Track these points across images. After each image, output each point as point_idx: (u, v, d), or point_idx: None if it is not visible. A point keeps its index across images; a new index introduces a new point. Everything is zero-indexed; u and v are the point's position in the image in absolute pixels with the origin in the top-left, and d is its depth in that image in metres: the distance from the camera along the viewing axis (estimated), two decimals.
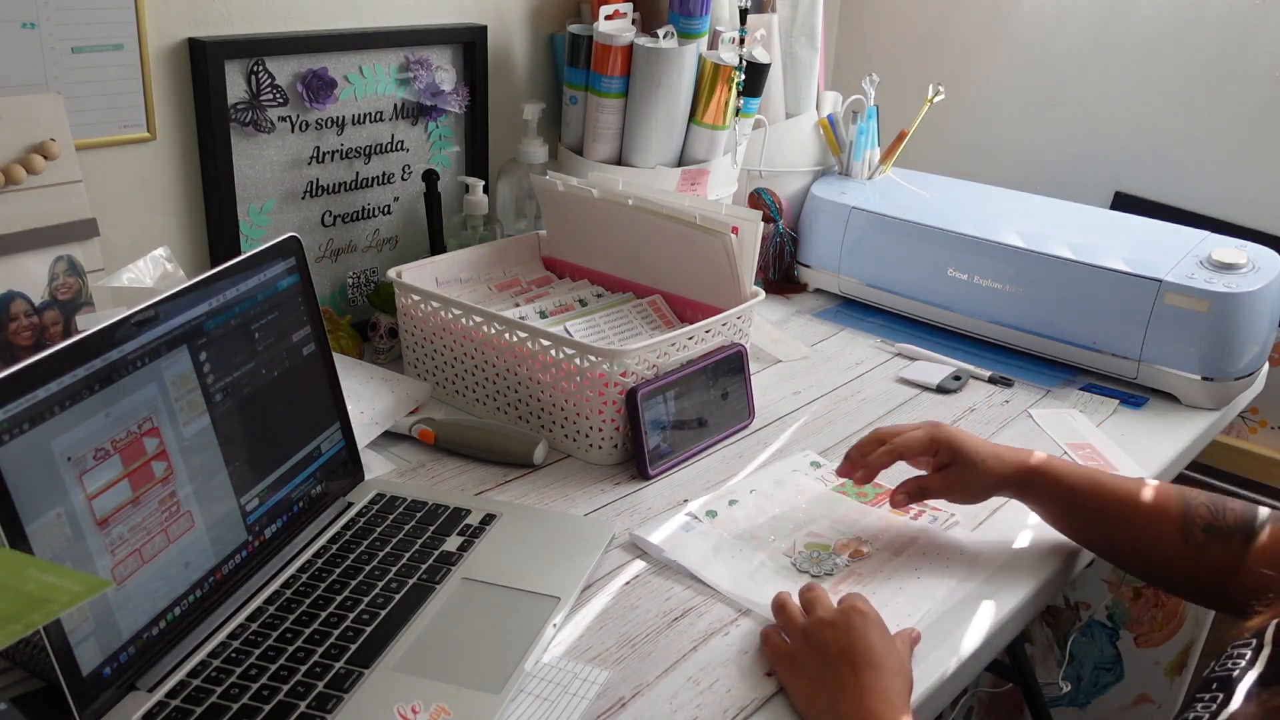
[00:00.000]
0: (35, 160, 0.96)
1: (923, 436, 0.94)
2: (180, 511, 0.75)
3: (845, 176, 1.53)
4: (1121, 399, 1.25)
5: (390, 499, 0.94)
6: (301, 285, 0.89)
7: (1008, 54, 1.68)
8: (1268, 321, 1.22)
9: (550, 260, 1.33)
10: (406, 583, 0.84)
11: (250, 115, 1.15)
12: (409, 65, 1.27)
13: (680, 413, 1.07)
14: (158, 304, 0.74)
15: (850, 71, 1.79)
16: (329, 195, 1.25)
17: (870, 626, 0.76)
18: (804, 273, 1.53)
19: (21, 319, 0.97)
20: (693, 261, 1.17)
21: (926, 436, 0.94)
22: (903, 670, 0.74)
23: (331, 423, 0.93)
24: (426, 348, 1.17)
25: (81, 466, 0.68)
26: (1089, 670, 1.65)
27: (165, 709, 0.70)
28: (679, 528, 0.95)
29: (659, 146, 1.32)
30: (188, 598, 0.76)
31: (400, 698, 0.72)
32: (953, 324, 1.39)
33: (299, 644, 0.76)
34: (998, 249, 1.32)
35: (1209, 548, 0.84)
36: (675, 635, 0.82)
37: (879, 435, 0.96)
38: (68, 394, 0.67)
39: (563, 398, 1.06)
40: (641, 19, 1.33)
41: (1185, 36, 1.51)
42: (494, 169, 1.40)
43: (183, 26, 1.10)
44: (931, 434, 0.94)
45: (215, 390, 0.79)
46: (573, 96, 1.34)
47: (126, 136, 1.08)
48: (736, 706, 0.75)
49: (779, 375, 1.28)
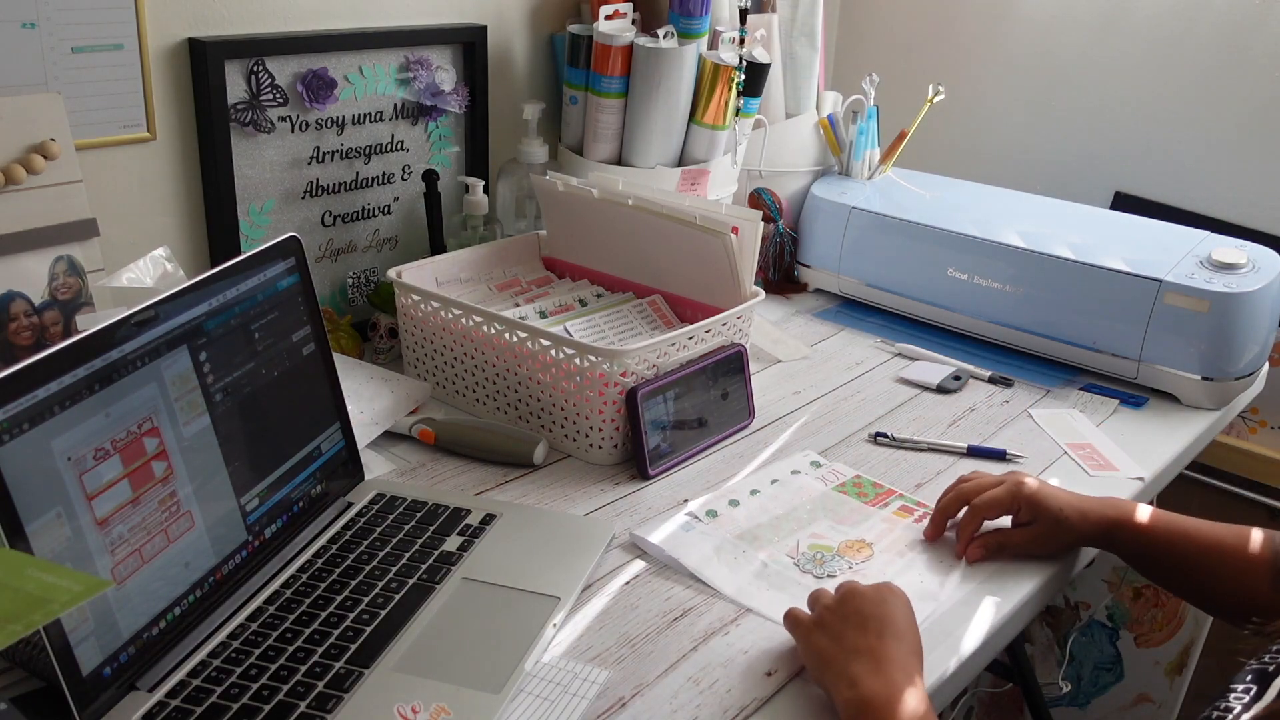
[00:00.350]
0: (35, 160, 0.96)
1: (1004, 496, 0.92)
2: (180, 511, 0.75)
3: (845, 176, 1.53)
4: (1121, 399, 1.25)
5: (390, 499, 0.94)
6: (301, 285, 0.89)
7: (1008, 54, 1.68)
8: (1268, 321, 1.22)
9: (550, 260, 1.33)
10: (406, 583, 0.84)
11: (250, 115, 1.15)
12: (409, 65, 1.27)
13: (680, 413, 1.07)
14: (158, 304, 0.74)
15: (850, 71, 1.79)
16: (329, 195, 1.25)
17: (901, 603, 0.77)
18: (804, 273, 1.53)
19: (21, 319, 0.97)
20: (693, 261, 1.17)
21: (1008, 495, 0.92)
22: (921, 651, 0.75)
23: (331, 423, 0.93)
24: (426, 348, 1.17)
25: (81, 466, 0.68)
26: (1089, 670, 1.65)
27: (165, 709, 0.70)
28: (679, 528, 0.95)
29: (659, 146, 1.32)
30: (188, 598, 0.76)
31: (400, 698, 0.72)
32: (953, 324, 1.39)
33: (299, 644, 0.76)
34: (998, 249, 1.32)
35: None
36: (675, 635, 0.82)
37: (961, 494, 0.94)
38: (68, 394, 0.67)
39: (563, 398, 1.06)
40: (641, 19, 1.33)
41: (1186, 37, 1.51)
42: (494, 169, 1.40)
43: (183, 26, 1.10)
44: (1013, 492, 0.92)
45: (215, 390, 0.79)
46: (573, 96, 1.34)
47: (126, 136, 1.08)
48: (736, 706, 0.75)
49: (779, 375, 1.28)
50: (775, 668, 0.79)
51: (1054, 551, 0.93)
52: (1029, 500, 0.91)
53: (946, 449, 1.11)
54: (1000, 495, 0.92)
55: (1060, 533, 0.91)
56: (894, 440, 1.12)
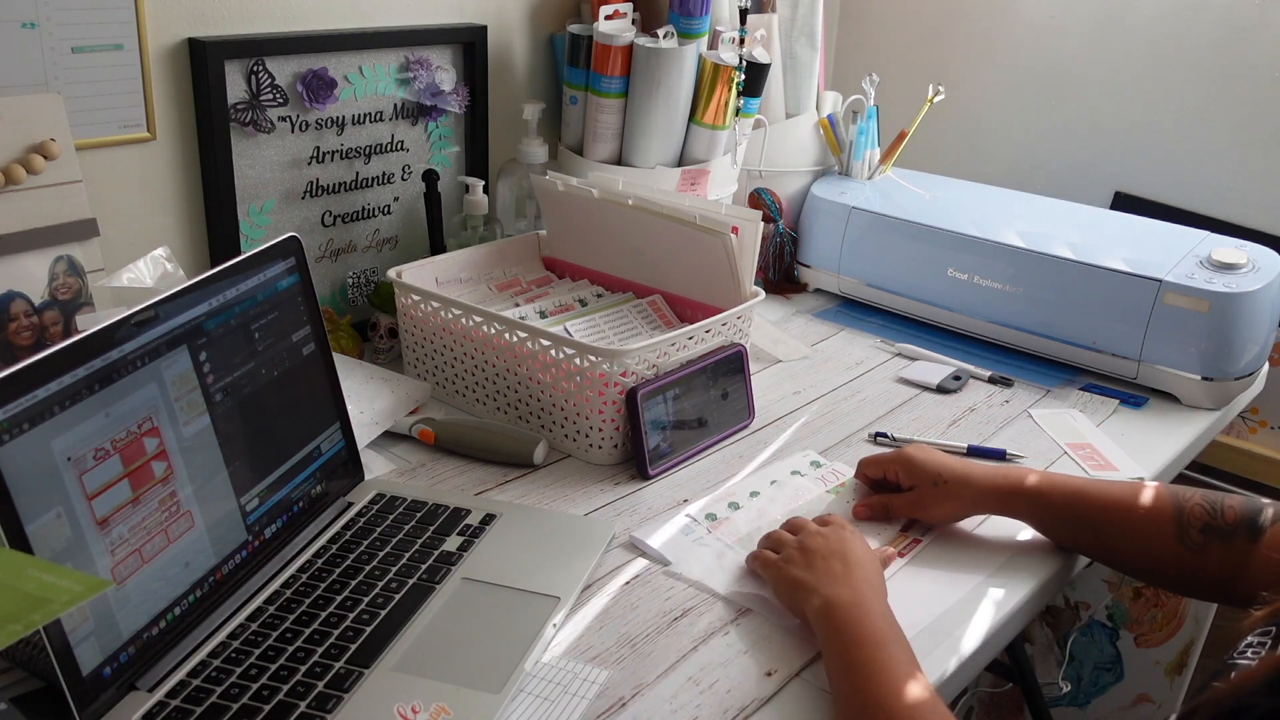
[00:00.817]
0: (35, 160, 0.96)
1: (884, 457, 0.99)
2: (180, 511, 0.75)
3: (845, 176, 1.53)
4: (1121, 399, 1.25)
5: (390, 499, 0.94)
6: (301, 285, 0.89)
7: (1008, 54, 1.68)
8: (1268, 321, 1.22)
9: (550, 260, 1.33)
10: (406, 583, 0.84)
11: (250, 115, 1.15)
12: (409, 65, 1.27)
13: (680, 413, 1.07)
14: (158, 304, 0.74)
15: (850, 71, 1.79)
16: (329, 195, 1.25)
17: (856, 538, 0.85)
18: (804, 273, 1.53)
19: (21, 319, 0.97)
20: (693, 261, 1.17)
21: (888, 458, 0.99)
22: (881, 578, 0.83)
23: (331, 423, 0.93)
24: (426, 348, 1.17)
25: (81, 466, 0.68)
26: (1089, 670, 1.65)
27: (165, 709, 0.70)
28: (679, 530, 0.94)
29: (659, 146, 1.32)
30: (188, 598, 0.76)
31: (400, 698, 0.72)
32: (953, 324, 1.39)
33: (299, 644, 0.76)
34: (998, 249, 1.32)
35: (1209, 549, 0.83)
36: (675, 635, 0.82)
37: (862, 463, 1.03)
38: (68, 394, 0.67)
39: (563, 398, 1.06)
40: (641, 19, 1.33)
41: (1185, 37, 1.51)
42: (494, 169, 1.40)
43: (183, 26, 1.10)
44: (894, 456, 0.98)
45: (215, 390, 0.79)
46: (573, 96, 1.34)
47: (126, 136, 1.08)
48: (736, 706, 0.75)
49: (779, 375, 1.28)
50: (775, 668, 0.79)
51: (943, 517, 0.96)
52: (905, 463, 0.97)
53: (947, 449, 1.11)
54: (881, 456, 1.00)
55: (941, 497, 0.94)
56: (894, 440, 1.12)
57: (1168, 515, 0.86)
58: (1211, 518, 0.84)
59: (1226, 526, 0.83)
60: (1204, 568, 0.84)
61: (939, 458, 0.96)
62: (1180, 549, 0.84)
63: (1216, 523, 0.84)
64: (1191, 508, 0.85)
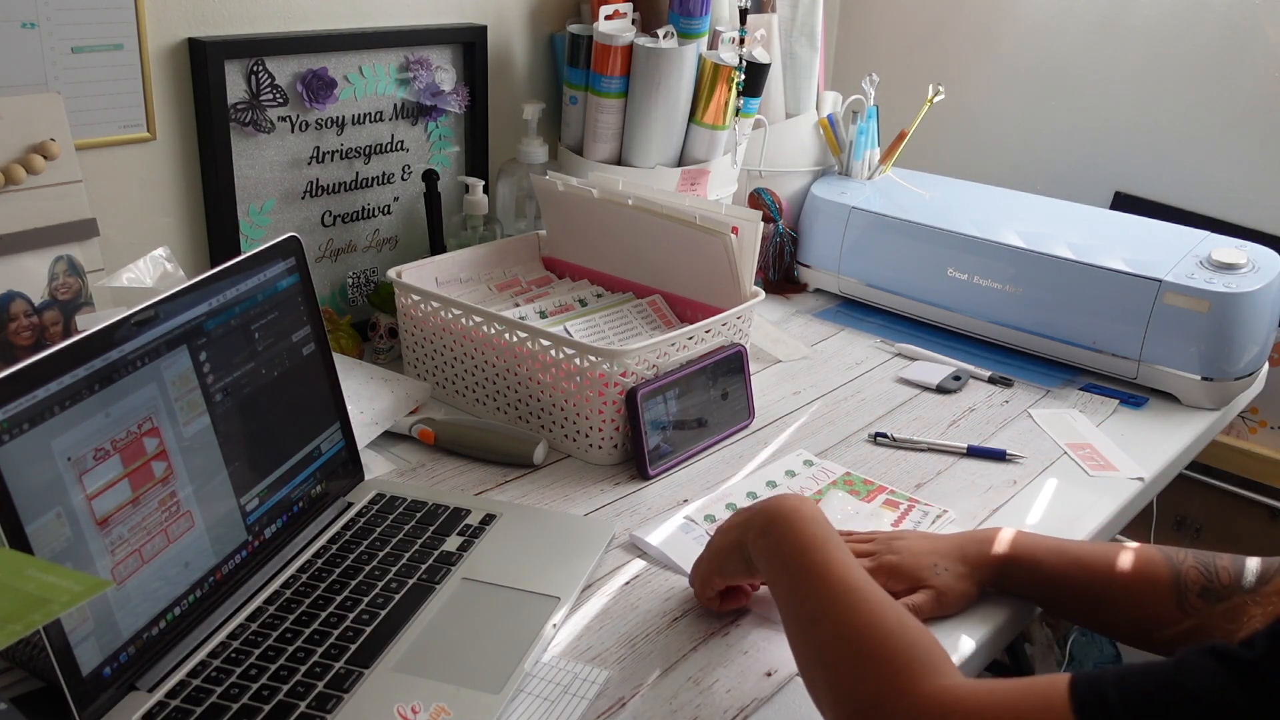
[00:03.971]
0: (35, 160, 0.96)
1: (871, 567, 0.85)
2: (180, 511, 0.75)
3: (845, 176, 1.53)
4: (1121, 399, 1.25)
5: (390, 499, 0.94)
6: (301, 285, 0.89)
7: (1008, 54, 1.68)
8: (1268, 321, 1.22)
9: (550, 260, 1.33)
10: (406, 583, 0.84)
11: (250, 115, 1.15)
12: (409, 65, 1.27)
13: (680, 413, 1.07)
14: (158, 304, 0.74)
15: (850, 71, 1.79)
16: (329, 195, 1.25)
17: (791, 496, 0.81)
18: (804, 273, 1.53)
19: (21, 319, 0.97)
20: (693, 261, 1.17)
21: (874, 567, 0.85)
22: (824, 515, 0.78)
23: (331, 423, 0.93)
24: (426, 348, 1.17)
25: (81, 466, 0.68)
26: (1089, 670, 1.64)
27: (165, 709, 0.70)
28: (678, 529, 0.94)
29: (659, 146, 1.32)
30: (188, 598, 0.76)
31: (400, 698, 0.72)
32: (953, 324, 1.39)
33: (299, 644, 0.76)
34: (998, 249, 1.32)
35: (1210, 611, 0.81)
36: (675, 635, 0.82)
37: None
38: (68, 394, 0.67)
39: (563, 398, 1.06)
40: (641, 19, 1.33)
41: (1185, 36, 1.51)
42: (494, 169, 1.40)
43: (183, 26, 1.10)
44: (878, 565, 0.86)
45: (215, 390, 0.79)
46: (573, 96, 1.34)
47: (126, 136, 1.08)
48: (736, 706, 0.75)
49: (779, 375, 1.28)
50: (775, 668, 0.79)
51: (962, 609, 0.86)
52: (892, 571, 0.85)
53: (946, 449, 1.11)
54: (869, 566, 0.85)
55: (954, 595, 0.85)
56: (894, 440, 1.12)
57: (1165, 582, 0.83)
58: (1208, 581, 0.82)
59: (1223, 589, 0.81)
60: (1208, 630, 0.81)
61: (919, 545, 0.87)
62: (1180, 614, 0.82)
63: (1214, 586, 0.82)
64: (1187, 571, 0.82)
